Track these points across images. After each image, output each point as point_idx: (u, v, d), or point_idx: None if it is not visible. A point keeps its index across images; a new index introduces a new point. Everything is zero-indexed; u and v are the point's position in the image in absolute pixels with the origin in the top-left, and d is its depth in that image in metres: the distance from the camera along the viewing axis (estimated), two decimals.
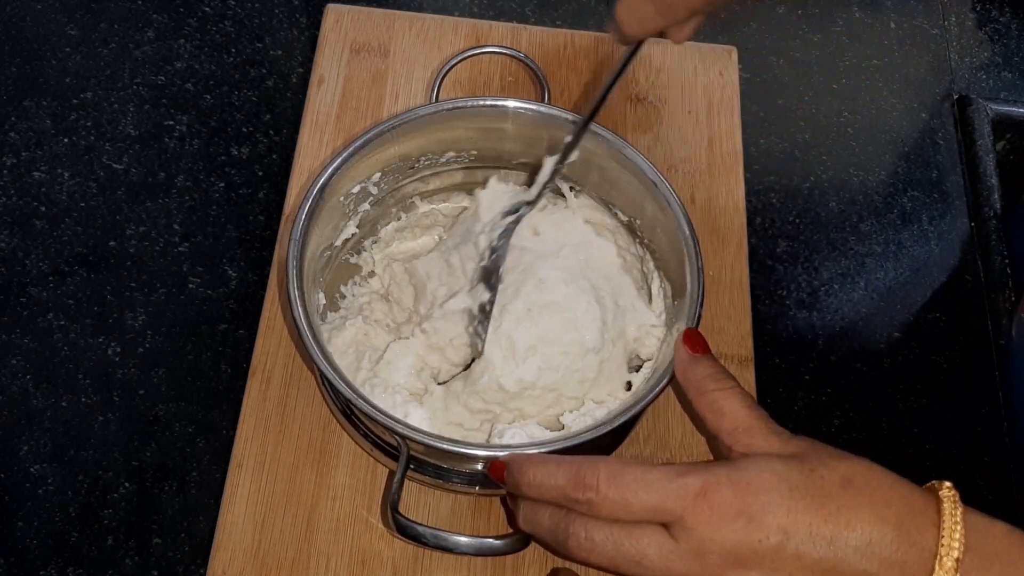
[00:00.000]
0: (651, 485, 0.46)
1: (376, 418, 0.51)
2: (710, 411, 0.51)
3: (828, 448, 0.48)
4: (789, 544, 0.45)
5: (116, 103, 0.74)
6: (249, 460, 0.60)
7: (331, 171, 0.58)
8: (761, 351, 0.67)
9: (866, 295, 0.73)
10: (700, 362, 0.53)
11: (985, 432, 0.68)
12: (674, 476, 0.46)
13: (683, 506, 0.45)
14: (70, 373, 0.64)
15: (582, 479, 0.47)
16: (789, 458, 0.47)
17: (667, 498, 0.46)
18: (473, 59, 0.73)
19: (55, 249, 0.68)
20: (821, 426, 0.67)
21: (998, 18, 0.86)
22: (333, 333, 0.61)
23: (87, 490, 0.61)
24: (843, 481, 0.46)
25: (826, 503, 0.45)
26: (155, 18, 0.77)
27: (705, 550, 0.45)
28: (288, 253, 0.55)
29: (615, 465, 0.47)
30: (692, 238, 0.57)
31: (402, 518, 0.51)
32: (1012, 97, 0.82)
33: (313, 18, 0.78)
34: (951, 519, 0.45)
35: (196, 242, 0.69)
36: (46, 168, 0.71)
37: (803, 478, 0.46)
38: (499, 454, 0.51)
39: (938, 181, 0.77)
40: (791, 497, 0.45)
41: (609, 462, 0.47)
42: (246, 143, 0.73)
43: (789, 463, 0.47)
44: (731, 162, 0.72)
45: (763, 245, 0.73)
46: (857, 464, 0.47)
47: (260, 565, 0.58)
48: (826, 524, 0.45)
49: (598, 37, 0.76)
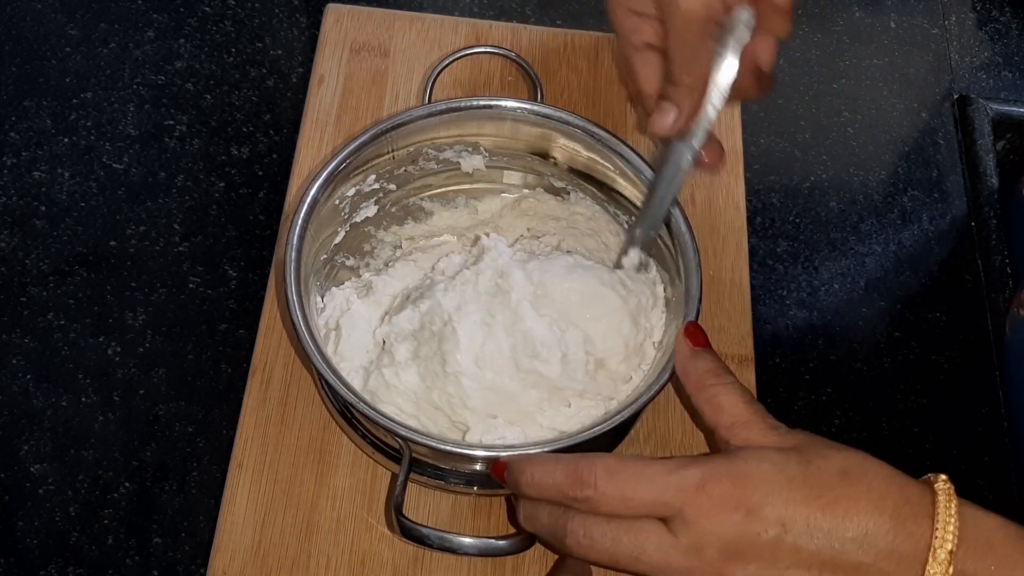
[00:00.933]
0: (650, 480, 0.46)
1: (379, 422, 0.52)
2: (708, 405, 0.51)
3: (825, 440, 0.49)
4: (787, 537, 0.45)
5: (116, 103, 0.74)
6: (249, 460, 0.60)
7: (328, 172, 0.58)
8: (761, 351, 0.67)
9: (866, 295, 0.73)
10: (700, 356, 0.53)
11: (985, 432, 0.68)
12: (672, 470, 0.46)
13: (682, 499, 0.46)
14: (70, 373, 0.64)
15: (580, 476, 0.47)
16: (787, 450, 0.47)
17: (666, 492, 0.46)
18: (473, 59, 0.73)
19: (55, 249, 0.68)
20: (821, 426, 0.67)
21: (998, 18, 0.86)
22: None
23: (87, 490, 0.61)
24: (840, 472, 0.46)
25: (823, 494, 0.46)
26: (155, 18, 0.77)
27: (704, 543, 0.46)
28: (285, 255, 0.55)
29: (613, 461, 0.47)
30: (690, 236, 0.58)
31: (406, 520, 0.51)
32: (1012, 97, 0.82)
33: (313, 18, 0.78)
34: (946, 511, 0.45)
35: (196, 242, 0.69)
36: (46, 168, 0.71)
37: (800, 469, 0.46)
38: (501, 454, 0.51)
39: (938, 181, 0.77)
40: (789, 488, 0.46)
41: (606, 458, 0.48)
42: (246, 143, 0.73)
43: (787, 455, 0.47)
44: (731, 161, 0.72)
45: (763, 245, 0.73)
46: (854, 455, 0.48)
47: (260, 565, 0.58)
48: (823, 515, 0.45)
49: (598, 37, 0.76)
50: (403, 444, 0.53)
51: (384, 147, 0.60)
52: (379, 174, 0.62)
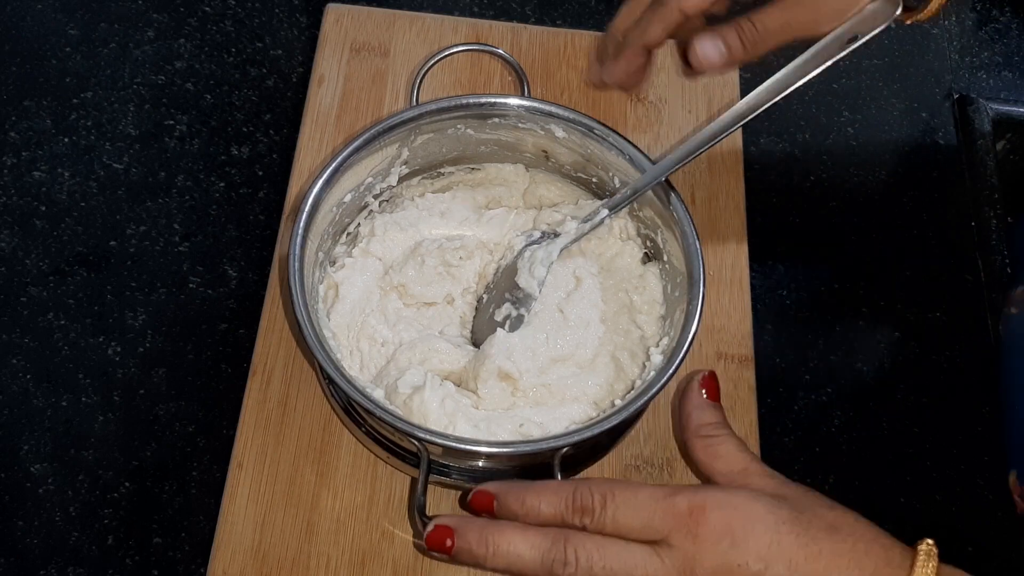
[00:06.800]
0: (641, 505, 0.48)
1: (398, 426, 0.52)
2: (705, 453, 0.53)
3: (820, 497, 0.50)
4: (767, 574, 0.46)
5: (116, 103, 0.74)
6: (249, 460, 0.60)
7: (330, 171, 0.58)
8: (761, 351, 0.67)
9: (866, 295, 0.73)
10: (708, 409, 0.55)
11: (985, 432, 0.68)
12: (662, 496, 0.48)
13: (670, 526, 0.47)
14: (70, 373, 0.64)
15: (579, 503, 0.48)
16: (781, 498, 0.49)
17: (655, 517, 0.47)
18: (473, 59, 0.73)
19: (55, 249, 0.68)
20: (821, 426, 0.67)
21: (998, 18, 0.86)
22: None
23: (87, 490, 0.61)
24: (829, 528, 0.48)
25: (810, 544, 0.47)
26: (155, 18, 0.77)
27: (689, 569, 0.47)
28: (289, 252, 0.55)
29: (606, 486, 0.48)
30: (693, 234, 0.58)
31: (430, 521, 0.51)
32: (1012, 97, 0.82)
33: (313, 18, 0.78)
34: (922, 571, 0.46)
35: (196, 242, 0.69)
36: (46, 168, 0.71)
37: (792, 516, 0.48)
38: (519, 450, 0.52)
39: (938, 181, 0.77)
40: (776, 531, 0.47)
41: (600, 484, 0.49)
42: (246, 143, 0.73)
43: (781, 502, 0.49)
44: (731, 162, 0.72)
45: (763, 245, 0.73)
46: (845, 515, 0.49)
47: (260, 565, 0.58)
48: (805, 563, 0.46)
49: (598, 37, 0.76)
50: (420, 446, 0.53)
51: (381, 146, 0.61)
52: (376, 174, 0.63)
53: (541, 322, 0.60)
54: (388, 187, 0.64)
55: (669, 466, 0.62)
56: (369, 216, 0.65)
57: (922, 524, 0.64)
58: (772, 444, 0.65)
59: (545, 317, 0.61)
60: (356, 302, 0.62)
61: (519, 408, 0.58)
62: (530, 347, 0.59)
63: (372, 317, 0.61)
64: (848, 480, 0.66)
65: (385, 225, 0.64)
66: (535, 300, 0.61)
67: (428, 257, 0.62)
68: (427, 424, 0.55)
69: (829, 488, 0.65)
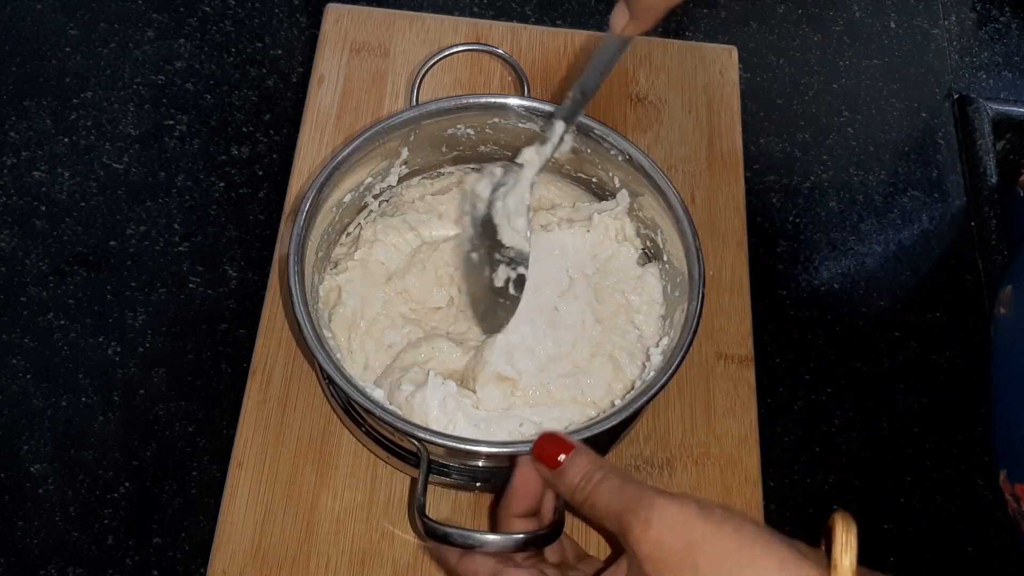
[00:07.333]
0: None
1: (399, 426, 0.52)
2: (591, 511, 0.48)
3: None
4: None
5: (116, 103, 0.74)
6: (249, 460, 0.60)
7: (330, 171, 0.58)
8: (761, 351, 0.67)
9: (866, 295, 0.73)
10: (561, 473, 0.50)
11: (985, 432, 0.68)
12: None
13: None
14: (70, 373, 0.65)
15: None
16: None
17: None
18: (473, 59, 0.73)
19: (55, 249, 0.68)
20: (821, 426, 0.68)
21: (998, 18, 0.86)
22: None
23: (87, 490, 0.61)
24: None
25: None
26: (155, 18, 0.77)
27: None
28: (289, 252, 0.55)
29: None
30: (692, 233, 0.58)
31: (430, 521, 0.51)
32: (1012, 97, 0.82)
33: (313, 18, 0.78)
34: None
35: (196, 242, 0.69)
36: (46, 168, 0.71)
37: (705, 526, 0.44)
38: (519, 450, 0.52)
39: (938, 181, 0.77)
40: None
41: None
42: (246, 143, 0.73)
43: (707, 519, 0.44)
44: (731, 162, 0.72)
45: (763, 245, 0.73)
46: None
47: (260, 565, 0.58)
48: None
49: (598, 37, 0.76)
50: (420, 446, 0.53)
51: (380, 147, 0.61)
52: (374, 174, 0.62)
53: (538, 320, 0.60)
54: (388, 187, 0.64)
55: (669, 466, 0.62)
56: (369, 217, 0.65)
57: (922, 524, 0.64)
58: (772, 444, 0.65)
59: (541, 314, 0.61)
60: (359, 305, 0.62)
61: (519, 408, 0.58)
62: (528, 347, 0.59)
63: (377, 321, 0.61)
64: (848, 480, 0.66)
65: (386, 229, 0.64)
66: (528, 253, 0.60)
67: (428, 262, 0.62)
68: (427, 424, 0.55)
69: (829, 488, 0.65)
